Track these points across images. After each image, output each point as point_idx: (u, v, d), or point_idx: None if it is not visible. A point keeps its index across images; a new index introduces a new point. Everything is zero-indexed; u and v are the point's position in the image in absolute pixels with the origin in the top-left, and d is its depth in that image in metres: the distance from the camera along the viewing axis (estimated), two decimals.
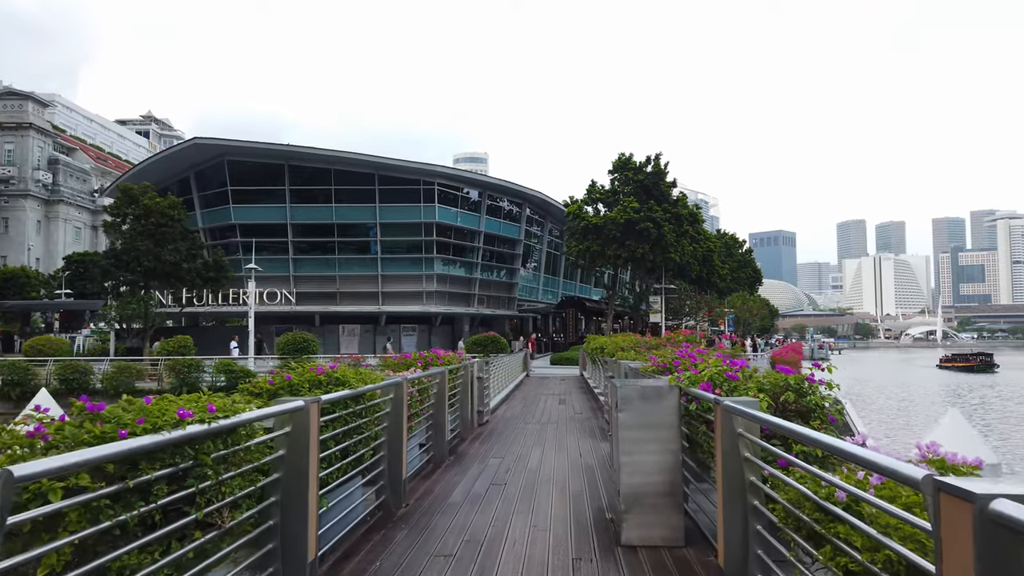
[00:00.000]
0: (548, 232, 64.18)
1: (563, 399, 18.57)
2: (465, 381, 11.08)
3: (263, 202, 50.47)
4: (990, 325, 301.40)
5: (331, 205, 49.92)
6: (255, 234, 50.02)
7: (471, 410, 11.67)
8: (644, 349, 11.78)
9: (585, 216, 45.68)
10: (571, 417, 13.93)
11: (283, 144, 49.57)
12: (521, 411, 15.30)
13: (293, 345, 30.56)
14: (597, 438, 10.90)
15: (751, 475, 3.77)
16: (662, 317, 47.67)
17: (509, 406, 16.56)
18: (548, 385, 24.69)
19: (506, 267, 58.06)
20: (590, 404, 16.81)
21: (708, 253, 55.64)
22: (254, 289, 35.46)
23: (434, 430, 8.64)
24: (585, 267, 52.84)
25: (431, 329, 52.71)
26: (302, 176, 50.29)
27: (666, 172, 46.61)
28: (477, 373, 12.36)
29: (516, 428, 12.17)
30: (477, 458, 9.13)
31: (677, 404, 5.20)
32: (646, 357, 10.95)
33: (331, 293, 50.30)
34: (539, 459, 8.97)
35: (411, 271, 50.77)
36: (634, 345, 12.92)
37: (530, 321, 66.16)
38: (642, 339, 13.55)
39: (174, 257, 34.52)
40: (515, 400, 18.34)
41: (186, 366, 29.32)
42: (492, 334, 32.45)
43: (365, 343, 49.93)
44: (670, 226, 44.01)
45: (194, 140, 49.74)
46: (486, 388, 13.35)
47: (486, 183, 54.03)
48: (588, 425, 12.52)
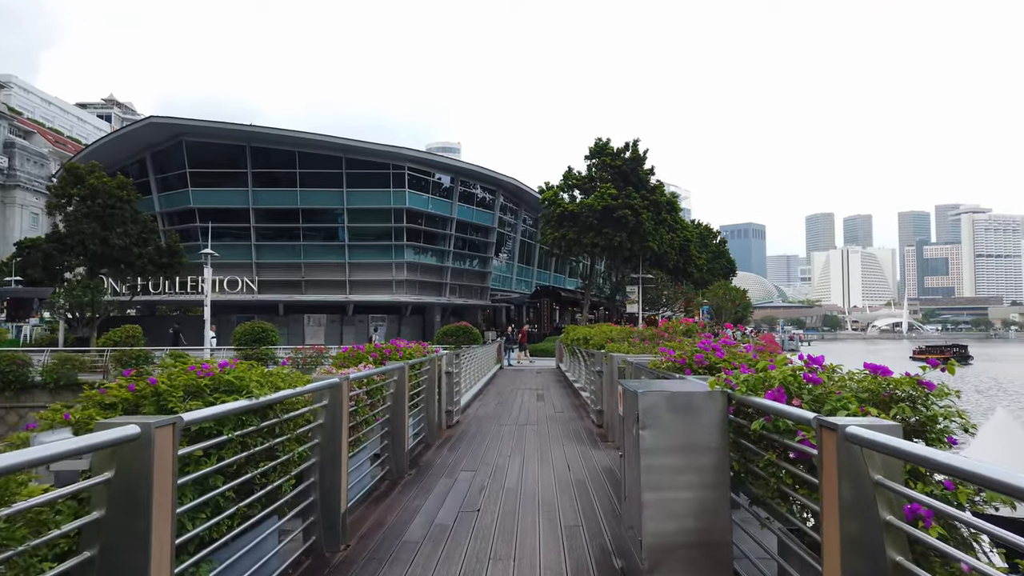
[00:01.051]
0: (522, 221, 62.57)
1: (541, 394, 17.06)
2: (431, 377, 9.47)
3: (224, 185, 48.00)
4: (953, 317, 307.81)
5: (296, 189, 47.66)
6: (215, 219, 47.46)
7: (438, 411, 10.07)
8: (638, 340, 10.28)
9: (561, 203, 44.19)
10: (552, 416, 12.40)
11: (244, 124, 47.16)
12: (496, 409, 13.74)
13: (251, 335, 28.65)
14: (585, 443, 9.38)
15: (895, 552, 2.23)
16: (639, 307, 46.43)
17: (482, 403, 14.99)
18: (524, 378, 23.18)
19: (479, 256, 56.34)
20: (571, 401, 15.31)
21: (685, 242, 54.56)
22: (210, 276, 33.20)
23: (390, 439, 7.02)
24: (560, 255, 51.41)
25: (401, 319, 50.87)
26: (265, 159, 47.93)
27: (644, 158, 45.31)
28: (446, 367, 10.76)
29: (491, 431, 10.59)
30: (444, 471, 7.54)
31: (723, 418, 3.68)
32: (645, 349, 9.45)
33: (296, 281, 48.13)
34: (519, 472, 7.41)
35: (380, 259, 48.80)
36: (626, 336, 11.44)
37: (503, 311, 64.60)
38: (633, 329, 12.04)
39: (123, 241, 32.20)
40: (489, 396, 16.77)
41: (133, 357, 27.26)
42: (464, 324, 30.83)
43: (332, 333, 47.95)
44: (648, 213, 42.74)
45: (150, 119, 47.06)
46: (456, 384, 11.76)
47: (458, 168, 52.09)
48: (572, 427, 10.99)
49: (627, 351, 9.64)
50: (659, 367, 5.81)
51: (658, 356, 6.27)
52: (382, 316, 50.30)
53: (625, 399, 4.28)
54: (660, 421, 3.69)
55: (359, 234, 48.92)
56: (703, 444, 3.66)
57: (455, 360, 11.59)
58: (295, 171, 47.68)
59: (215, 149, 48.48)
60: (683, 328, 9.72)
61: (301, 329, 48.24)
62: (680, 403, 3.71)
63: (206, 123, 46.97)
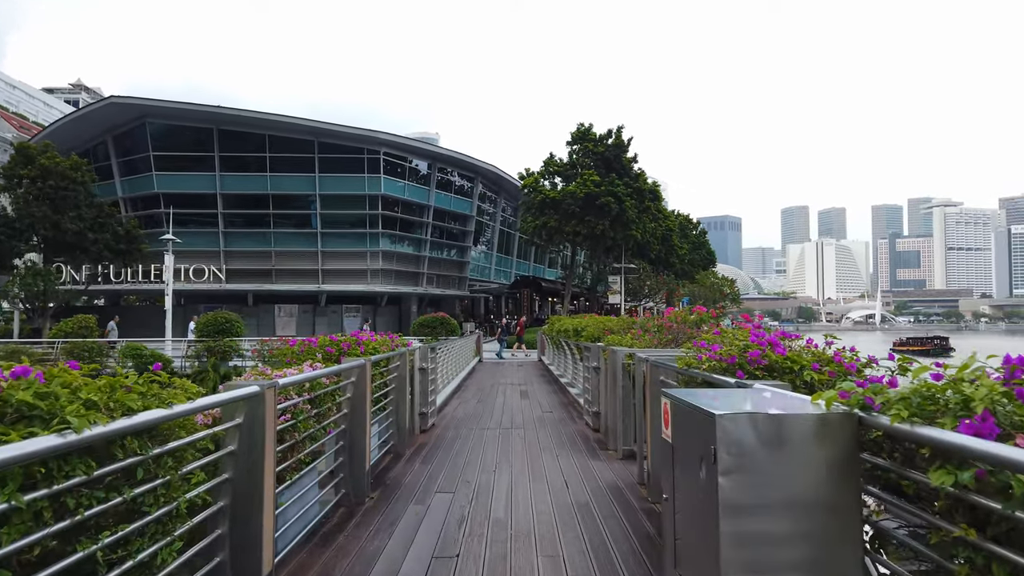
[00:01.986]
0: (502, 209, 61.06)
1: (525, 390, 15.68)
2: (402, 375, 8.03)
3: (190, 170, 45.82)
4: (925, 309, 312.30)
5: (266, 174, 45.65)
6: (181, 205, 45.32)
7: (410, 415, 8.64)
8: (642, 332, 8.92)
9: (542, 189, 42.78)
10: (539, 418, 11.02)
11: (211, 105, 44.91)
12: (476, 408, 12.33)
13: (214, 326, 26.84)
14: (582, 452, 8.01)
15: None
16: (621, 298, 45.28)
17: (461, 401, 13.57)
18: (505, 372, 21.80)
19: (457, 245, 54.74)
20: (559, 399, 13.95)
21: (667, 232, 53.53)
22: (171, 264, 31.33)
23: (347, 455, 5.58)
24: (541, 244, 50.00)
25: (376, 310, 49.18)
26: (233, 142, 45.81)
27: (627, 145, 44.08)
28: (419, 363, 9.32)
29: (471, 436, 9.18)
30: (415, 493, 6.11)
31: (851, 457, 2.31)
32: (650, 343, 8.12)
33: (266, 270, 46.19)
34: (507, 495, 6.01)
35: (354, 247, 47.01)
36: (626, 326, 10.07)
37: (482, 302, 63.17)
38: (635, 319, 10.68)
39: (77, 226, 30.13)
40: (468, 392, 15.35)
41: (85, 349, 25.44)
42: (441, 315, 29.39)
43: (303, 325, 46.17)
44: (632, 201, 41.51)
45: (110, 99, 44.67)
46: (432, 381, 10.32)
47: (436, 154, 50.33)
48: (565, 431, 9.62)
49: (631, 344, 8.28)
50: (695, 366, 4.44)
51: (688, 351, 4.90)
52: (356, 306, 48.60)
53: (680, 420, 2.90)
54: (752, 460, 2.31)
55: (332, 221, 47.08)
56: (820, 499, 2.29)
57: (430, 354, 10.16)
58: (265, 155, 45.67)
59: (181, 132, 46.33)
60: (695, 317, 8.38)
61: (272, 320, 46.37)
62: (782, 431, 2.33)
63: (171, 104, 44.73)
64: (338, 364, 5.49)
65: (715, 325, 8.58)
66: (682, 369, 4.64)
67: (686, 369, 4.57)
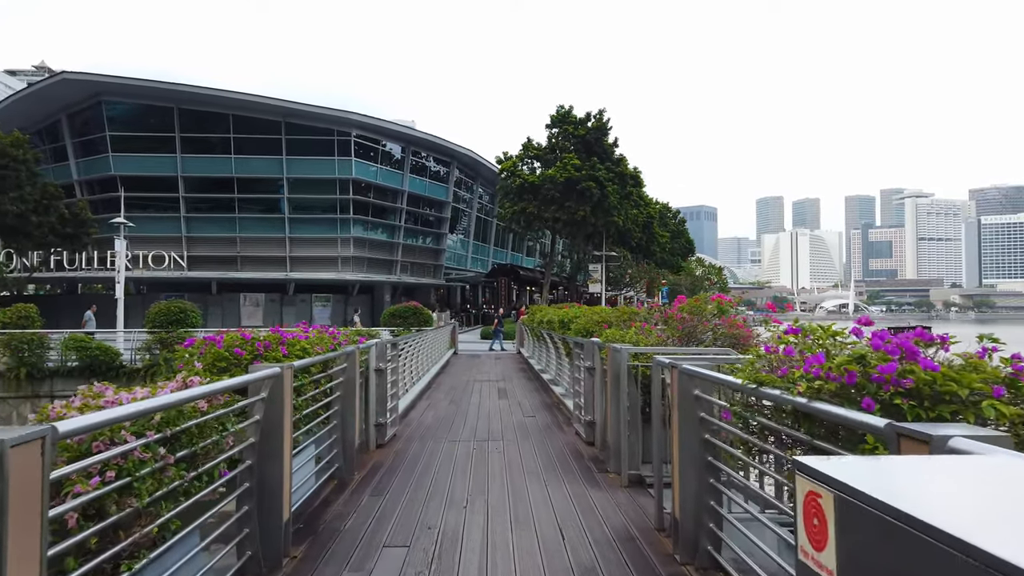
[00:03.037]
0: (478, 196, 59.23)
1: (503, 388, 14.08)
2: (349, 381, 6.34)
3: (149, 151, 43.33)
4: (897, 299, 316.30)
5: (230, 156, 43.32)
6: (140, 188, 43.04)
7: (360, 428, 6.98)
8: (648, 324, 7.32)
9: (520, 174, 41.06)
10: (521, 424, 9.41)
11: (171, 83, 42.45)
12: (447, 412, 10.68)
13: (166, 317, 24.79)
14: (576, 476, 6.40)
15: None
16: (602, 287, 43.83)
17: (430, 403, 11.91)
18: (481, 366, 20.17)
19: (432, 232, 52.86)
20: (542, 399, 12.35)
21: (649, 219, 52.10)
22: (123, 249, 29.12)
23: (254, 505, 3.91)
24: (519, 231, 48.32)
25: (347, 299, 47.21)
26: (195, 122, 43.41)
27: (609, 128, 42.49)
28: (376, 363, 7.64)
29: (439, 452, 7.53)
30: (355, 549, 4.46)
31: None
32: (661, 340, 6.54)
33: (231, 257, 43.95)
34: (482, 551, 4.38)
35: (324, 233, 44.94)
36: (625, 318, 8.46)
37: (458, 291, 61.41)
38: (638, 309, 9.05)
39: (19, 207, 27.82)
40: (439, 392, 13.69)
41: (24, 341, 23.32)
42: (414, 304, 27.50)
43: (270, 314, 44.07)
44: (614, 186, 39.98)
45: (62, 74, 41.94)
46: (393, 384, 8.66)
47: (410, 137, 48.25)
48: (553, 443, 8.01)
49: (636, 340, 6.68)
50: (779, 386, 2.82)
51: (756, 360, 3.29)
52: (327, 295, 46.61)
53: (871, 541, 1.27)
54: None
55: (301, 206, 44.96)
56: None
57: (390, 352, 8.48)
58: (229, 136, 43.37)
59: (139, 111, 43.86)
60: (713, 307, 6.82)
61: (237, 309, 44.20)
62: None
63: (126, 80, 42.13)
64: (228, 380, 3.80)
65: (725, 315, 7.04)
66: (750, 388, 3.04)
67: (757, 387, 2.96)
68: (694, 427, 4.05)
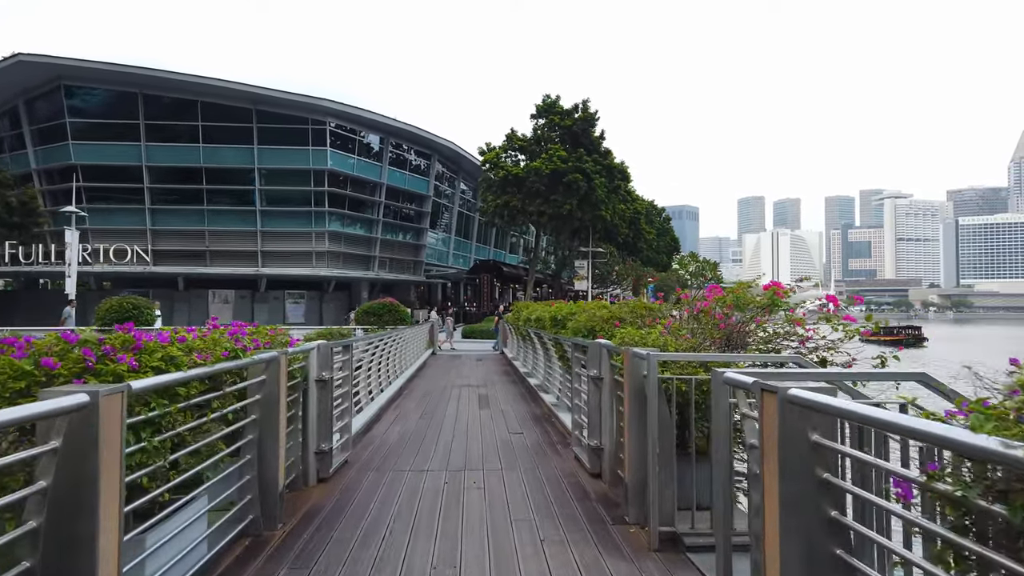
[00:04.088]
0: (460, 191, 57.30)
1: (485, 394, 12.35)
2: (268, 398, 4.55)
3: (112, 139, 40.99)
4: (876, 298, 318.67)
5: (198, 145, 41.10)
6: (101, 177, 40.88)
7: (293, 460, 5.21)
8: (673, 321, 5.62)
9: (504, 165, 39.31)
10: (507, 444, 7.66)
11: (134, 66, 40.15)
12: (417, 427, 8.89)
13: (117, 313, 22.72)
14: (584, 529, 4.66)
15: None
16: (589, 283, 42.21)
17: (399, 413, 10.11)
18: (461, 368, 18.41)
19: (412, 227, 50.89)
20: (530, 409, 10.61)
21: (636, 215, 50.56)
22: (76, 242, 26.98)
23: None
24: (503, 226, 46.54)
25: (322, 296, 45.17)
26: (161, 109, 41.13)
27: (596, 119, 40.90)
28: (317, 373, 5.85)
29: (398, 491, 5.74)
30: None
31: None
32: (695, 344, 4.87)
33: (199, 252, 41.75)
34: None
35: (298, 227, 42.87)
36: (640, 314, 6.74)
37: (439, 288, 59.52)
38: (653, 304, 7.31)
39: None
40: (411, 398, 11.91)
41: None
42: (389, 300, 25.65)
43: (241, 311, 41.86)
44: (601, 179, 38.37)
45: (17, 56, 39.40)
46: (344, 397, 6.86)
47: (389, 127, 46.22)
48: (546, 472, 6.26)
49: (665, 344, 4.96)
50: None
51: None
52: (300, 292, 44.54)
53: None
54: None
55: (274, 198, 42.85)
56: None
57: (340, 356, 6.71)
58: (197, 124, 41.15)
59: (101, 96, 41.54)
60: (765, 298, 5.13)
61: (205, 306, 41.98)
62: None
63: (88, 63, 39.82)
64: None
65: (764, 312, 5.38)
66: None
67: None
68: (809, 494, 2.35)
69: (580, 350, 6.84)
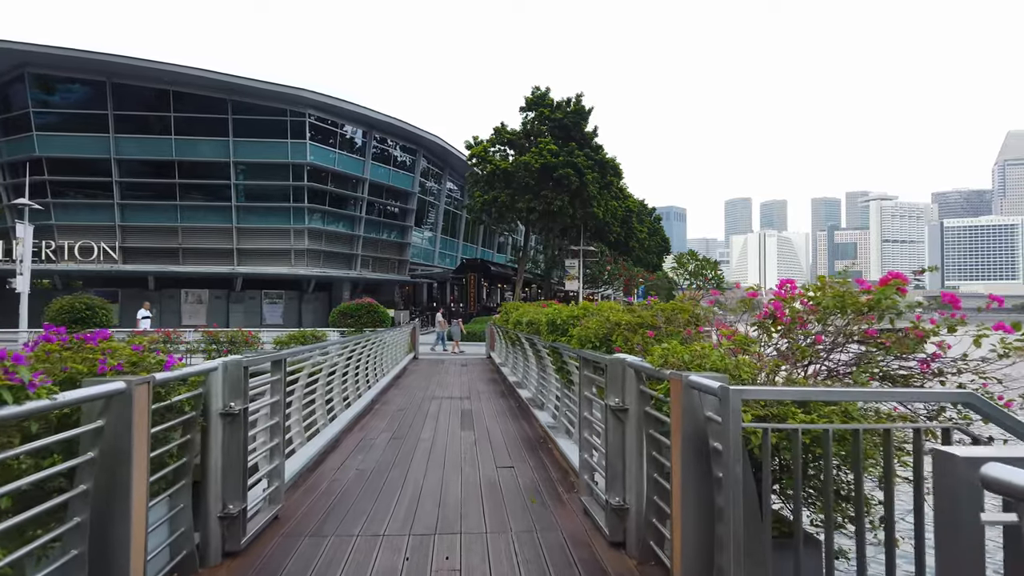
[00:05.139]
0: (447, 188, 55.47)
1: (469, 410, 10.63)
2: (112, 458, 2.82)
3: (79, 130, 38.85)
4: None
5: (170, 137, 39.03)
6: (67, 171, 38.72)
7: (171, 543, 3.48)
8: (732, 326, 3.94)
9: (492, 160, 37.57)
10: (492, 485, 5.94)
11: (103, 52, 37.98)
12: (382, 460, 7.13)
13: (69, 315, 20.82)
14: None
15: None
16: (580, 284, 40.57)
17: (362, 440, 8.35)
18: (443, 376, 16.67)
19: (397, 224, 49.01)
20: (522, 429, 8.88)
21: (628, 213, 49.02)
22: (29, 236, 24.98)
23: None
24: (490, 223, 44.77)
25: (302, 296, 43.22)
26: (131, 99, 39.01)
27: (588, 112, 39.25)
28: (222, 403, 4.09)
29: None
30: None
31: None
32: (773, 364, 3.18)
33: (171, 249, 39.69)
34: None
35: (276, 224, 40.89)
36: (682, 316, 5.04)
37: (424, 288, 57.71)
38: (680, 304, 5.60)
39: None
40: (380, 418, 10.15)
41: None
42: (368, 301, 23.89)
43: (216, 312, 39.92)
44: (593, 174, 36.71)
45: None
46: (273, 432, 5.10)
47: (372, 120, 44.29)
48: (548, 541, 4.55)
49: (719, 365, 3.27)
50: None
51: None
52: (279, 292, 42.56)
53: None
54: None
55: (250, 194, 40.84)
56: None
57: (262, 376, 4.97)
58: (169, 115, 39.06)
59: (67, 85, 39.32)
60: (878, 295, 3.47)
61: (177, 307, 39.98)
62: None
63: (54, 49, 37.58)
64: None
65: None
66: None
67: None
68: None
69: (592, 368, 5.14)
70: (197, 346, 21.36)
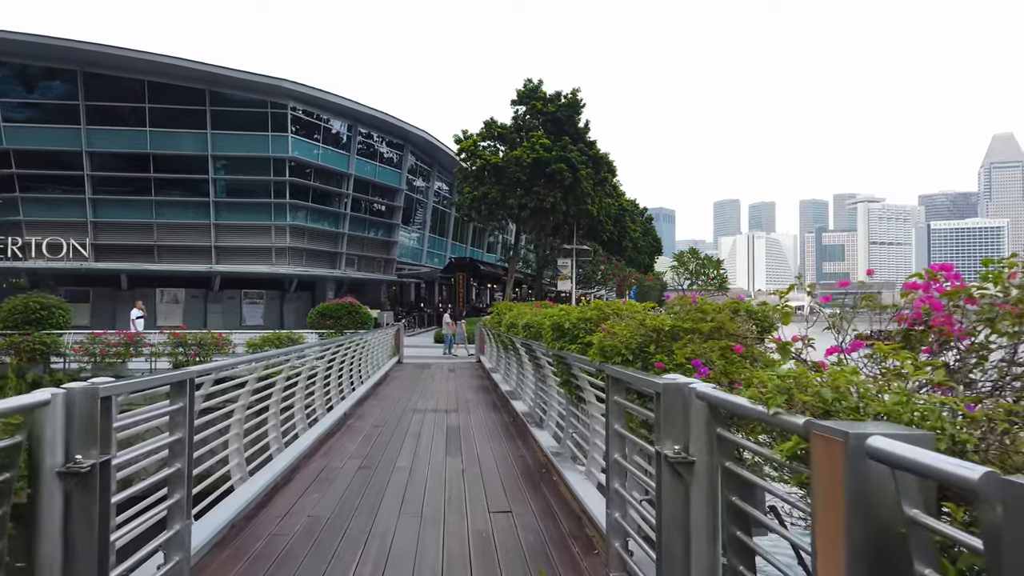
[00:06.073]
0: (435, 185, 53.92)
1: (456, 427, 9.17)
2: None
3: (49, 122, 37.02)
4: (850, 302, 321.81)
5: (145, 129, 37.21)
6: (36, 164, 36.84)
7: None
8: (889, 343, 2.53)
9: (482, 154, 36.12)
10: (485, 541, 4.50)
11: (74, 40, 36.19)
12: (342, 505, 5.64)
13: (23, 315, 19.25)
14: None
15: None
16: (572, 284, 39.19)
17: (324, 470, 6.86)
18: (429, 383, 15.17)
19: (383, 222, 47.39)
20: (517, 451, 7.42)
21: (622, 212, 47.74)
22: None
23: None
24: (479, 221, 43.31)
25: (284, 296, 41.52)
26: (104, 89, 37.15)
27: (582, 106, 37.89)
28: (64, 458, 2.61)
29: None
30: None
31: None
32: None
33: (145, 247, 37.88)
34: None
35: (257, 220, 39.15)
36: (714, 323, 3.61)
37: (412, 288, 56.15)
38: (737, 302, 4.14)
39: None
40: (351, 437, 8.65)
41: None
42: (349, 301, 22.41)
43: (193, 312, 38.21)
44: (587, 170, 35.33)
45: None
46: (163, 493, 3.62)
47: (357, 113, 42.62)
48: None
49: (915, 417, 1.83)
50: None
51: None
52: (259, 292, 40.83)
53: None
54: None
55: (229, 189, 39.11)
56: None
57: (104, 414, 3.50)
58: (144, 106, 37.29)
59: (34, 74, 37.47)
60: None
61: (152, 307, 38.10)
62: None
63: (19, 35, 35.70)
64: None
65: None
66: None
67: None
68: None
69: (625, 391, 3.68)
70: (162, 349, 19.91)
